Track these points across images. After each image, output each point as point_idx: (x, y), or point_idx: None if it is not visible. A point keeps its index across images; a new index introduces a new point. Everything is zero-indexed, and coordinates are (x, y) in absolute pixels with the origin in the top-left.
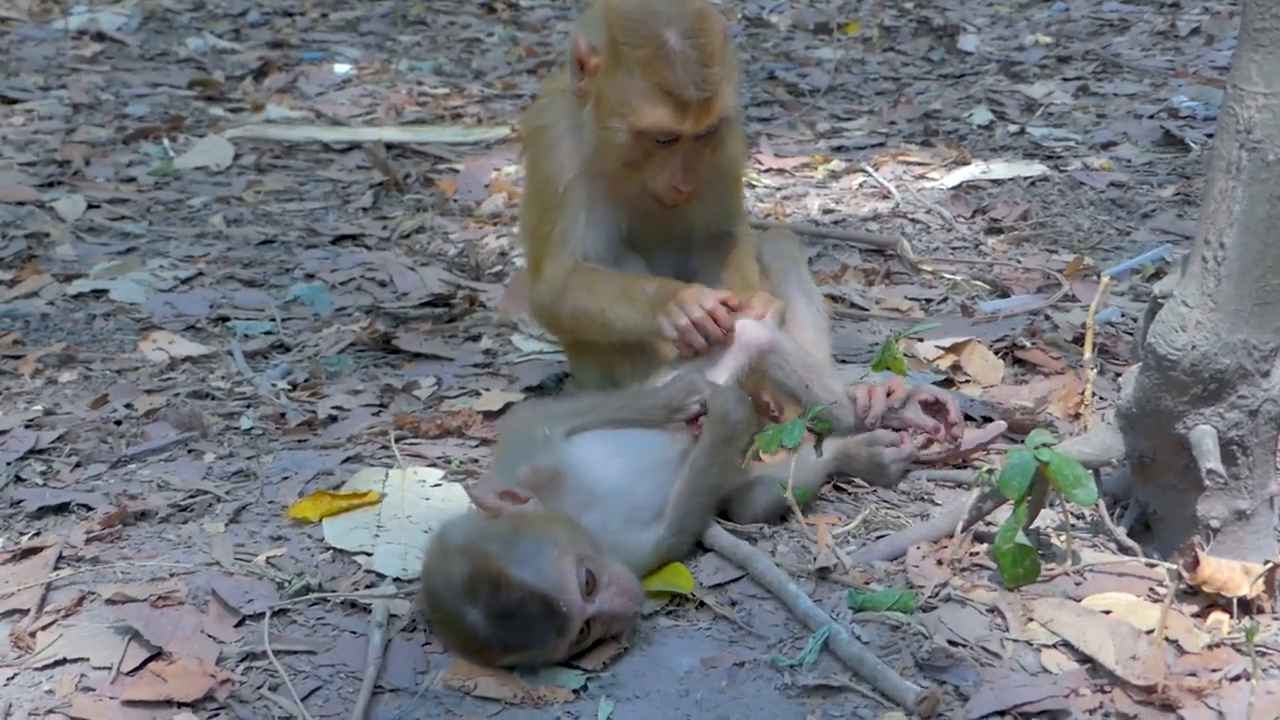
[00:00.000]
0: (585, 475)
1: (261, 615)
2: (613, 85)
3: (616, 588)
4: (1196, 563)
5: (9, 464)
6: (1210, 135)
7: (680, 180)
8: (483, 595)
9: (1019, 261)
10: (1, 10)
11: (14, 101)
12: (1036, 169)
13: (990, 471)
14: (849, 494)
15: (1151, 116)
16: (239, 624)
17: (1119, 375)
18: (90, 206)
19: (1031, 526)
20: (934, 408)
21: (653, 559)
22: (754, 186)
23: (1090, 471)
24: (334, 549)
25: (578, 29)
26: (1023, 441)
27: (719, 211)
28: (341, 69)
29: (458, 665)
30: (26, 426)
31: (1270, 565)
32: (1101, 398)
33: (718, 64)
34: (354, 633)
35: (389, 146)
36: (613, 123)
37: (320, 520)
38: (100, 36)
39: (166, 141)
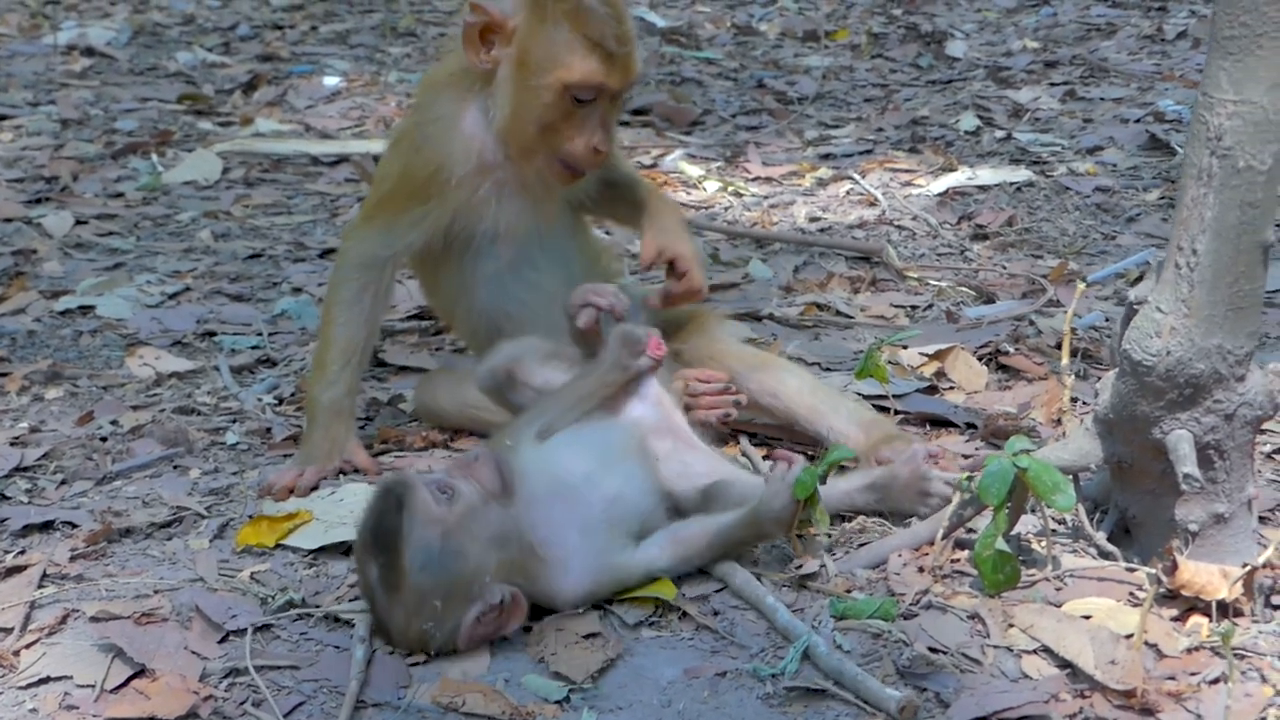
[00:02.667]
0: (550, 469)
1: (245, 631)
2: (536, 42)
3: None
4: (1175, 567)
5: None
6: None
7: (600, 140)
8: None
9: (1004, 267)
10: None
11: (2, 118)
12: (1022, 174)
13: (970, 478)
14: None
15: (1138, 121)
16: (222, 640)
17: (1100, 378)
18: (78, 222)
19: (1011, 533)
20: None
21: (640, 582)
22: (741, 195)
23: (1069, 477)
24: (316, 565)
25: (473, 4)
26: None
27: (613, 175)
28: (331, 82)
29: (444, 681)
30: (12, 444)
31: (1248, 568)
32: (1084, 403)
33: (628, 21)
34: (337, 647)
35: (377, 159)
36: (535, 80)
37: (276, 546)
38: (90, 51)
39: (155, 156)
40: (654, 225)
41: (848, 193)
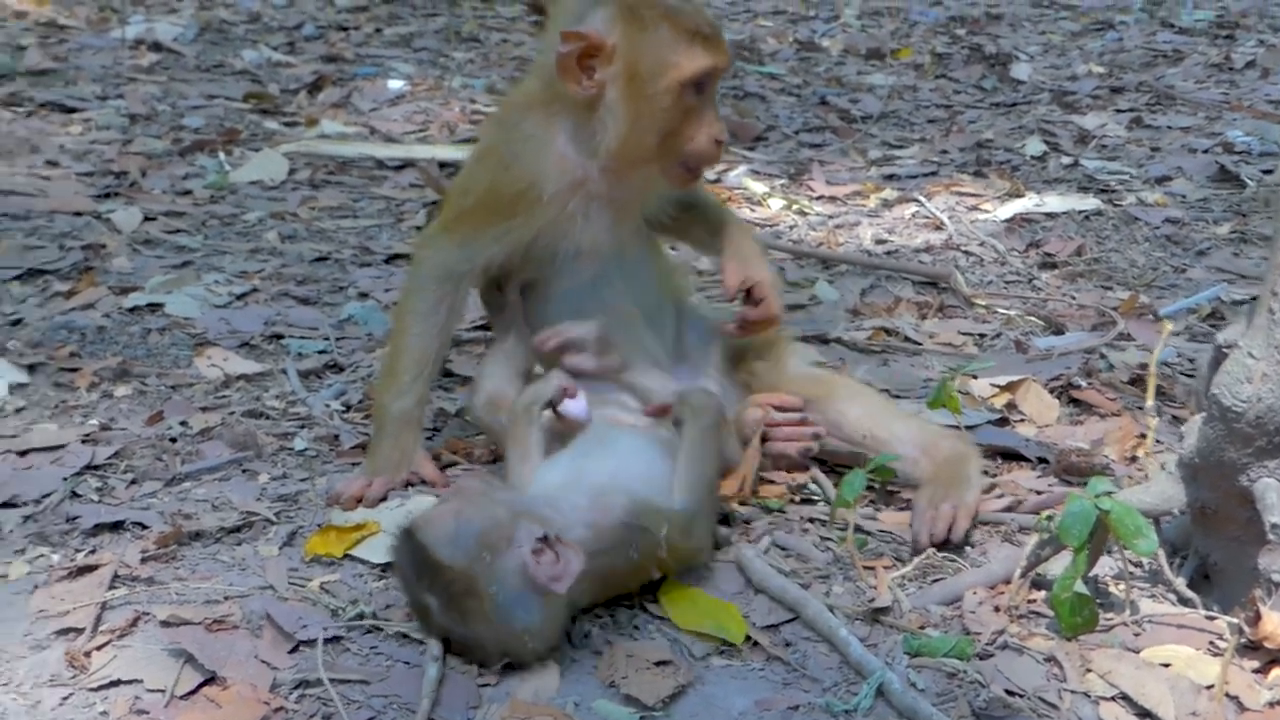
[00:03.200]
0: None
1: (315, 642)
2: (642, 51)
3: None
4: (1258, 617)
5: (65, 479)
6: (1267, 171)
7: (719, 130)
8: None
9: (1073, 297)
10: (60, 19)
11: (72, 110)
12: (1090, 203)
13: (1049, 518)
14: (905, 541)
15: (1206, 151)
16: (293, 650)
17: (1175, 418)
18: (146, 219)
19: (1089, 575)
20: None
21: (683, 523)
22: (805, 214)
23: (1150, 521)
24: (385, 577)
25: (558, 34)
26: (1079, 485)
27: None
28: (395, 85)
29: (514, 703)
30: (83, 441)
31: None
32: (1158, 441)
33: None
34: (407, 663)
35: (442, 165)
36: (650, 87)
37: (344, 556)
38: (157, 46)
39: (222, 155)
40: (734, 253)
41: (913, 215)
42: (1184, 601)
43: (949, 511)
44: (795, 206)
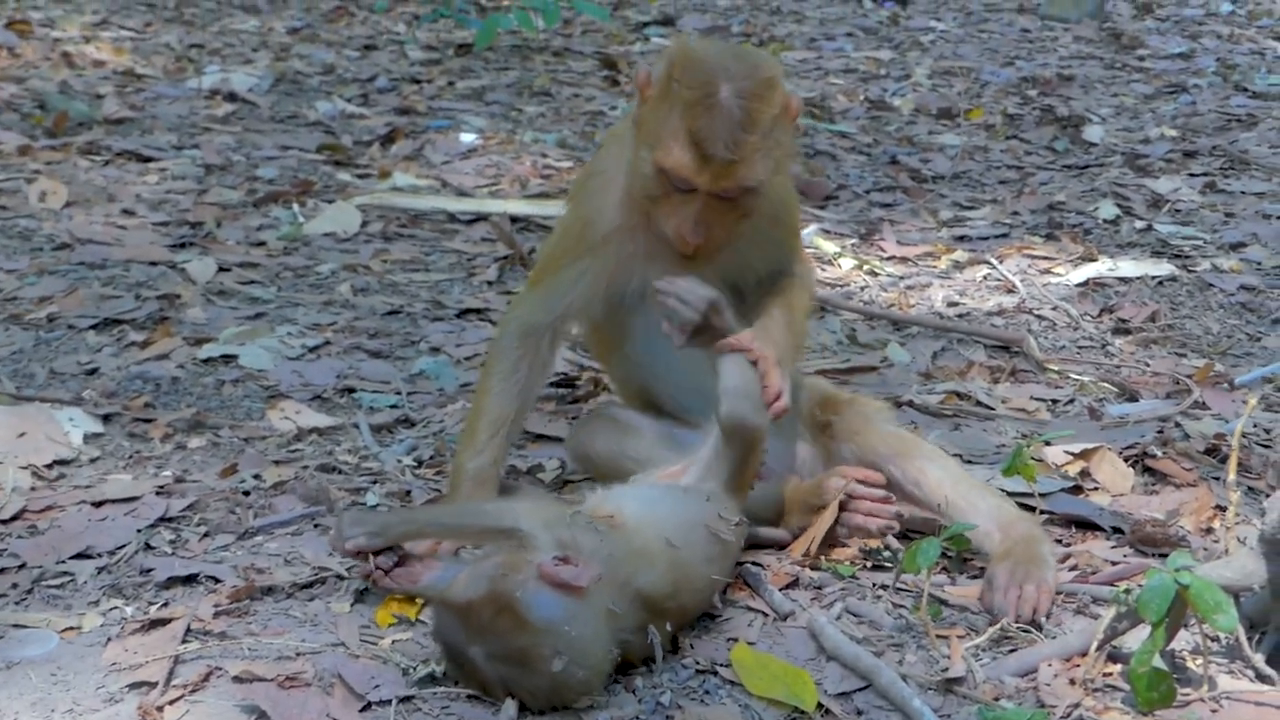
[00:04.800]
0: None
1: (387, 702)
2: (654, 117)
3: None
4: None
5: (139, 531)
6: None
7: (689, 231)
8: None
9: (1147, 364)
10: (137, 68)
11: (148, 159)
12: (1165, 268)
13: (1127, 591)
14: (980, 612)
15: None
16: (364, 709)
17: (1251, 489)
18: (221, 269)
19: (1167, 649)
20: None
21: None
22: (876, 275)
23: (1230, 596)
24: None
25: (650, 60)
26: (1154, 555)
27: (774, 255)
28: (467, 138)
29: None
30: (157, 493)
31: None
32: (1236, 513)
33: (759, 134)
34: None
35: (514, 219)
36: (642, 152)
37: (416, 618)
38: (232, 97)
39: (296, 206)
40: (759, 326)
41: (985, 278)
42: (1262, 678)
43: (1033, 592)
44: (866, 267)
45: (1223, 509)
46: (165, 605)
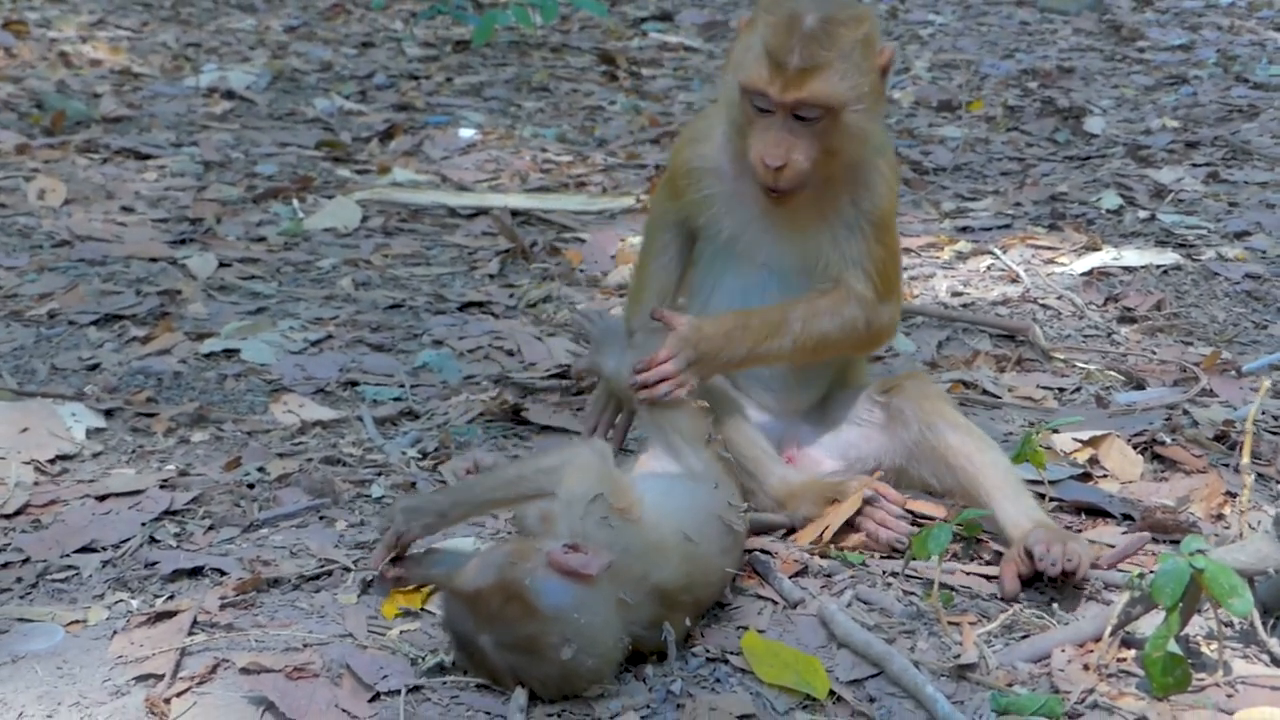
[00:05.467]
0: None
1: (396, 692)
2: (740, 45)
3: None
4: None
5: (144, 524)
6: None
7: (769, 153)
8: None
9: (1153, 353)
10: (135, 66)
11: (147, 157)
12: (1169, 257)
13: (1141, 576)
14: (992, 598)
15: None
16: (373, 699)
17: (1260, 475)
18: (221, 265)
19: (1181, 634)
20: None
21: None
22: None
23: (1244, 580)
24: None
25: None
26: (1167, 542)
27: (846, 246)
28: (466, 133)
29: None
30: (161, 487)
31: None
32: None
33: (838, 52)
34: (489, 714)
35: (514, 213)
36: (728, 77)
37: (422, 606)
38: (230, 94)
39: (295, 202)
40: (731, 314)
41: (988, 268)
42: (1277, 663)
43: (1076, 549)
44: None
45: (1233, 495)
46: (171, 598)
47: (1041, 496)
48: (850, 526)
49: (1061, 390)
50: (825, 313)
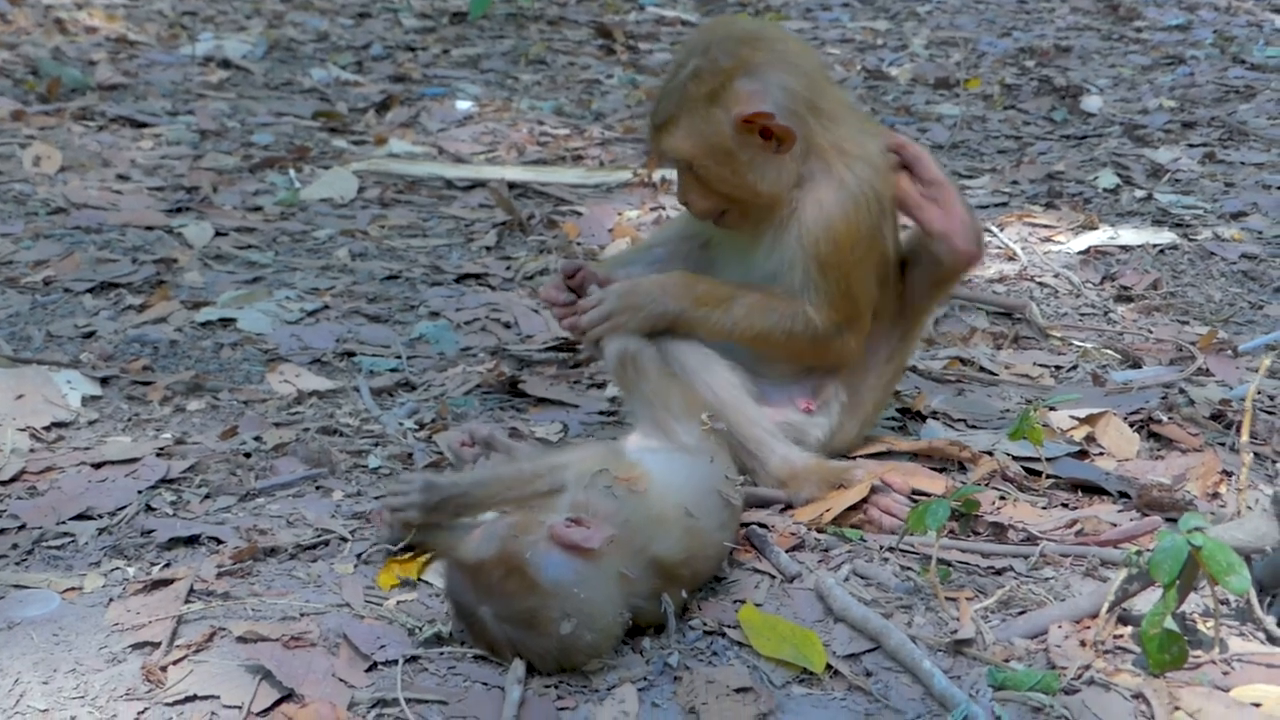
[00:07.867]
0: None
1: (393, 662)
2: None
3: None
4: None
5: (140, 492)
6: None
7: (677, 193)
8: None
9: (1150, 331)
10: (130, 34)
11: (142, 125)
12: (1166, 236)
13: (1138, 553)
14: (989, 573)
15: None
16: (370, 669)
17: (1257, 454)
18: (218, 234)
19: (1178, 611)
20: None
21: None
22: None
23: (1242, 558)
24: None
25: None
26: (1165, 520)
27: (792, 280)
28: (463, 105)
29: None
30: (157, 455)
31: None
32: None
33: (685, 109)
34: (486, 684)
35: (511, 186)
36: None
37: (419, 577)
38: (226, 64)
39: (292, 172)
40: (671, 275)
41: (985, 245)
42: (1274, 640)
43: None
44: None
45: (1229, 474)
46: (167, 566)
47: (1038, 473)
48: (852, 510)
49: (1058, 368)
50: (774, 312)
